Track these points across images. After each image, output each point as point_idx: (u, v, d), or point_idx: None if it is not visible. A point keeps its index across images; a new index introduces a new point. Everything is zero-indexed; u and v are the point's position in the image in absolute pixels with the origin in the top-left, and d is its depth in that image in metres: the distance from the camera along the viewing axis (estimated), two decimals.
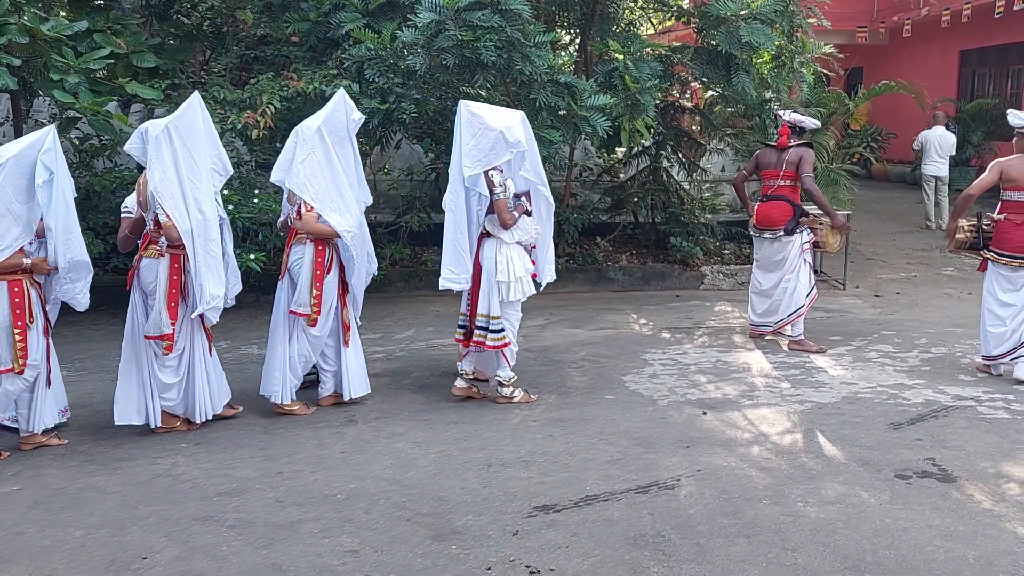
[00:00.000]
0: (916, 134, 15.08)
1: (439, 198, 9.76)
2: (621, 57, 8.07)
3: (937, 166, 12.99)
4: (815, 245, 7.13)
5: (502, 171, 5.49)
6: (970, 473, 4.53)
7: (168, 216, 4.84)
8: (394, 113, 7.62)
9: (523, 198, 5.62)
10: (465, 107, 5.52)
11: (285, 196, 5.58)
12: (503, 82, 7.73)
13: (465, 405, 5.70)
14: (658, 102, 8.66)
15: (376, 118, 7.56)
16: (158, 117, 8.28)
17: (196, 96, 5.13)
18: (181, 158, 4.90)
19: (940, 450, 4.83)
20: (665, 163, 10.14)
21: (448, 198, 5.56)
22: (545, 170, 9.20)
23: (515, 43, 7.11)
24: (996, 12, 15.46)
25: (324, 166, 5.30)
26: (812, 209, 7.23)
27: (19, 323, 4.75)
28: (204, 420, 5.25)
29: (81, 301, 4.98)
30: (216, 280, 5.01)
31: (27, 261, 4.78)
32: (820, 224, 7.06)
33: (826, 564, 3.65)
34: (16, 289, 4.75)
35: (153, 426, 5.15)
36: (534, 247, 5.73)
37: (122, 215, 5.21)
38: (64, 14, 8.28)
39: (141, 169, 5.20)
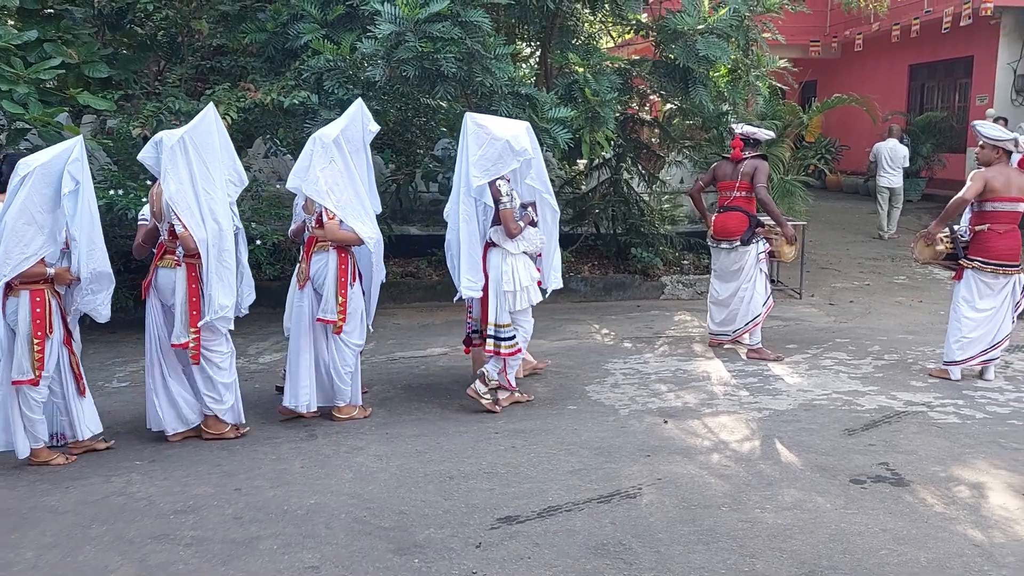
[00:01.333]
0: (868, 146, 15.41)
1: (400, 209, 9.84)
2: (581, 70, 8.14)
3: (888, 177, 13.29)
4: (771, 255, 7.26)
5: (508, 181, 5.56)
6: (922, 477, 4.62)
7: (184, 226, 4.87)
8: None
9: (529, 208, 5.70)
10: (471, 119, 5.59)
11: (300, 204, 5.61)
12: (464, 93, 7.75)
13: (426, 418, 5.68)
14: (618, 115, 8.74)
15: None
16: (111, 128, 8.20)
17: (211, 107, 5.16)
18: (196, 169, 4.92)
19: (893, 455, 4.93)
20: (625, 175, 10.24)
21: (461, 209, 5.58)
22: None
23: (475, 55, 7.13)
24: (943, 28, 15.88)
25: (344, 174, 5.35)
26: (768, 220, 7.35)
27: (39, 333, 4.75)
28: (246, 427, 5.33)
29: (103, 312, 4.98)
30: (227, 291, 5.02)
31: (50, 271, 4.78)
32: (775, 234, 7.21)
33: (783, 570, 3.69)
34: (38, 299, 4.75)
35: (169, 433, 5.21)
36: (539, 255, 5.80)
37: (139, 223, 5.28)
38: (13, 23, 8.11)
39: (154, 179, 5.22)
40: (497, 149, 5.43)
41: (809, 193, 11.44)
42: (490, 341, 5.63)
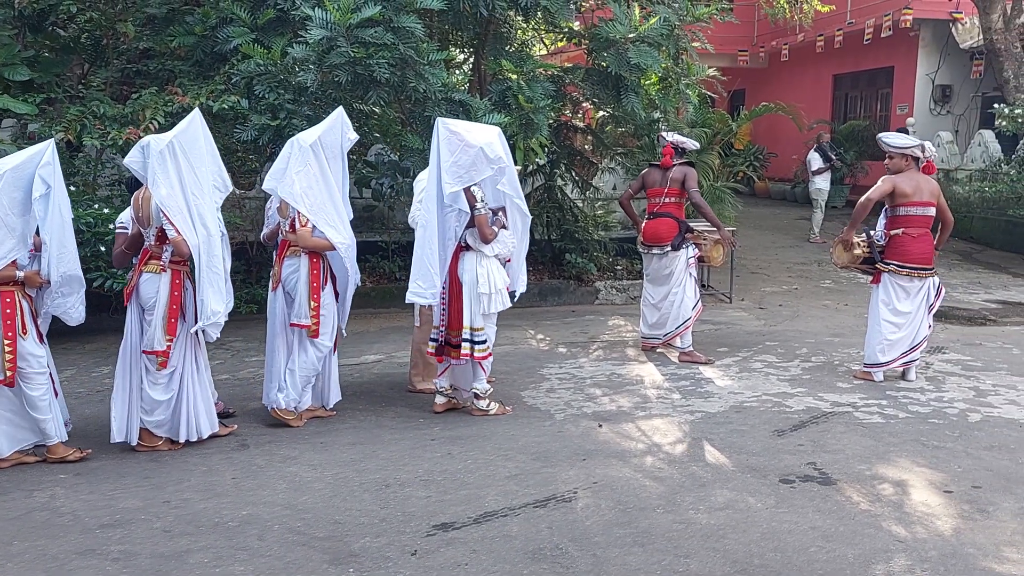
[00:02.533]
0: (795, 153, 15.86)
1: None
2: (515, 77, 8.18)
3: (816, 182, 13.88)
4: (700, 260, 7.40)
5: (479, 186, 5.54)
6: (848, 476, 4.76)
7: (177, 231, 4.86)
8: (285, 130, 7.49)
9: (500, 213, 5.72)
10: (442, 124, 5.55)
11: (274, 207, 5.58)
12: (397, 99, 7.72)
13: (361, 426, 5.63)
14: (551, 121, 8.81)
15: (266, 135, 7.42)
16: (33, 133, 7.95)
17: (197, 112, 5.13)
18: (185, 174, 4.89)
19: (821, 454, 5.06)
20: (559, 181, 10.32)
21: (420, 213, 5.59)
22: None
23: (408, 60, 7.12)
24: (865, 39, 16.43)
25: (319, 180, 5.34)
26: (697, 225, 7.47)
27: (9, 334, 4.72)
28: (187, 440, 5.18)
29: (73, 315, 4.99)
30: (218, 296, 5.03)
31: (20, 274, 4.77)
32: (704, 240, 7.37)
33: (717, 569, 3.76)
34: (8, 300, 4.73)
35: (133, 444, 5.12)
36: (508, 260, 5.82)
37: (116, 231, 5.23)
38: None
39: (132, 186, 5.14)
40: (471, 156, 5.41)
41: (738, 199, 11.70)
42: (465, 345, 5.61)
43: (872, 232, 6.57)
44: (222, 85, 7.62)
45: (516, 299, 5.96)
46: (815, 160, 14.07)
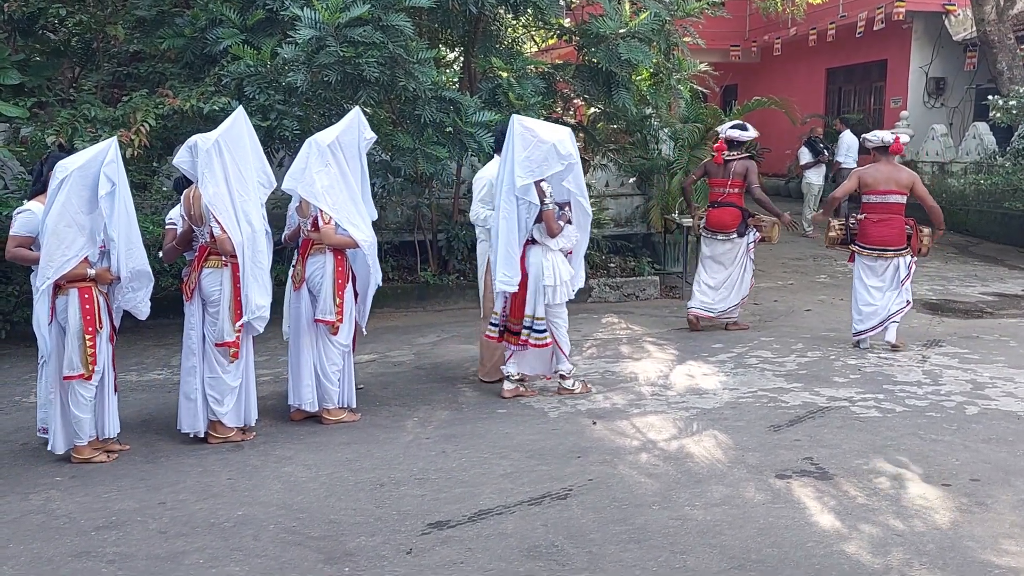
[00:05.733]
0: (788, 148, 15.84)
1: None
2: (505, 74, 8.17)
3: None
4: (761, 240, 8.08)
5: (547, 181, 5.76)
6: (845, 470, 4.76)
7: (223, 228, 4.96)
8: (276, 130, 7.49)
9: (565, 208, 5.94)
10: (517, 121, 5.78)
11: (294, 207, 5.63)
12: (387, 98, 7.71)
13: (356, 425, 5.62)
14: (542, 118, 8.79)
15: (258, 136, 7.39)
16: (25, 137, 7.92)
17: (240, 110, 5.23)
18: (231, 172, 4.99)
19: (817, 449, 5.06)
20: None
21: (502, 207, 5.76)
22: (432, 187, 9.25)
23: (398, 59, 7.10)
24: (857, 32, 16.44)
25: (339, 179, 5.42)
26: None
27: (90, 329, 4.83)
28: (245, 426, 5.36)
29: (142, 309, 5.09)
30: (262, 291, 5.15)
31: (91, 271, 4.85)
32: (763, 222, 8.03)
33: (714, 565, 3.76)
34: (87, 296, 4.84)
35: (202, 435, 5.24)
36: (569, 253, 6.03)
37: (166, 227, 5.37)
38: None
39: (41, 190, 5.10)
40: (543, 151, 5.66)
41: None
42: (525, 332, 5.92)
43: (853, 215, 7.34)
44: (212, 87, 7.60)
45: (576, 292, 6.18)
46: (804, 154, 14.10)
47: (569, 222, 5.98)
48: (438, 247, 9.48)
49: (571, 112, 11.09)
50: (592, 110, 10.27)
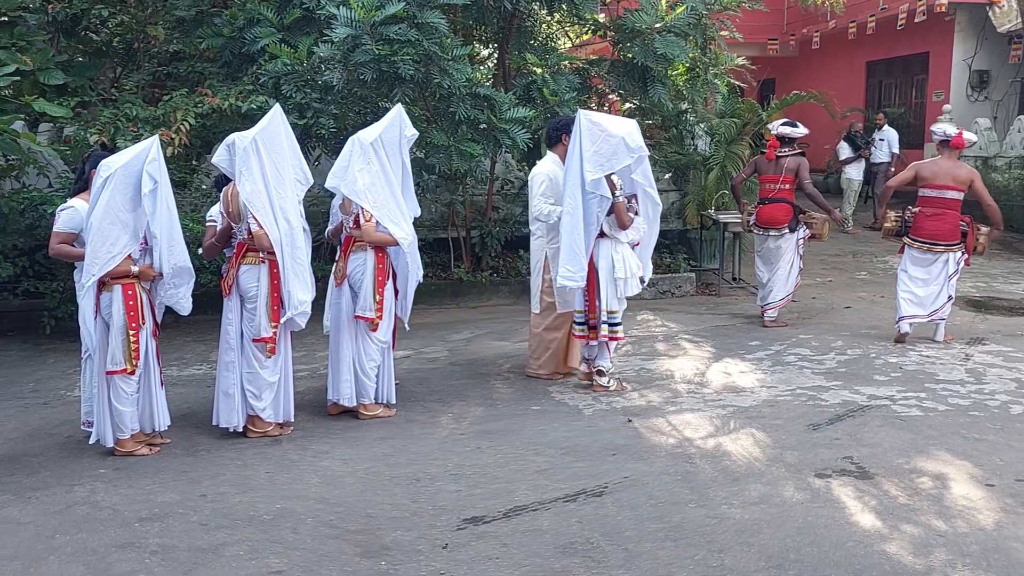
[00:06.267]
0: (828, 143, 15.61)
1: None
2: (539, 70, 8.16)
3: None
4: (811, 237, 8.17)
5: (617, 175, 5.83)
6: (886, 470, 4.68)
7: (260, 225, 5.04)
8: (312, 128, 7.55)
9: (632, 200, 6.00)
10: (584, 116, 5.83)
11: (337, 204, 5.70)
12: (422, 96, 7.74)
13: (391, 420, 5.65)
14: (573, 115, 8.77)
15: (294, 134, 7.47)
16: (68, 136, 8.08)
17: (277, 108, 5.31)
18: (268, 169, 5.07)
19: (858, 448, 4.99)
20: None
21: (566, 202, 5.79)
22: (466, 184, 9.27)
23: (433, 57, 7.12)
24: (898, 24, 16.16)
25: (381, 176, 5.47)
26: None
27: (133, 324, 4.94)
28: (285, 422, 5.43)
29: (184, 305, 5.16)
30: (303, 286, 5.23)
31: (135, 268, 4.95)
32: (814, 219, 8.10)
33: (751, 563, 3.72)
34: (130, 292, 4.94)
35: (240, 430, 5.32)
36: (636, 245, 6.11)
37: (207, 224, 5.46)
38: None
39: (84, 188, 5.21)
40: (612, 145, 5.71)
41: None
42: (604, 327, 5.98)
43: (908, 208, 7.40)
44: (250, 85, 7.69)
45: (645, 284, 6.29)
46: (844, 149, 13.88)
47: (636, 214, 6.02)
48: (471, 244, 9.50)
49: (606, 107, 11.03)
50: (627, 105, 10.22)
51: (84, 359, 5.26)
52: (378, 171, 5.45)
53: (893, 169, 14.08)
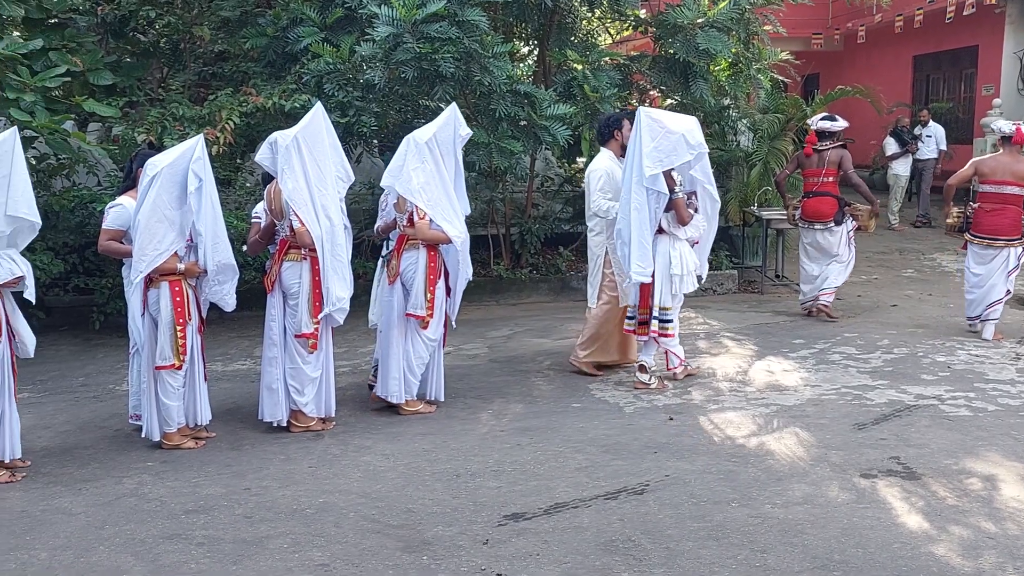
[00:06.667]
0: (874, 138, 15.35)
1: None
2: (580, 67, 8.14)
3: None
4: (857, 229, 8.19)
5: (676, 171, 5.88)
6: (934, 470, 4.60)
7: (301, 222, 5.09)
8: (354, 127, 7.61)
9: (691, 197, 6.05)
10: (644, 112, 5.87)
11: (391, 202, 5.77)
12: (462, 93, 7.76)
13: (431, 416, 5.68)
14: (617, 111, 8.74)
15: (336, 132, 7.54)
16: (116, 135, 8.24)
17: (319, 106, 5.37)
18: (309, 167, 5.13)
19: (904, 449, 4.90)
20: None
21: (633, 198, 5.80)
22: (506, 181, 9.28)
23: (473, 54, 7.14)
24: (947, 17, 15.81)
25: (435, 175, 5.52)
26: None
27: (180, 320, 5.02)
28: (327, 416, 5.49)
29: (229, 301, 5.26)
30: (342, 283, 5.28)
31: (180, 266, 5.04)
32: (859, 211, 8.14)
33: (795, 564, 3.68)
34: (177, 288, 5.03)
35: (284, 424, 5.38)
36: (696, 243, 6.13)
37: (252, 221, 5.55)
38: (19, 33, 8.16)
39: (131, 186, 5.31)
40: (672, 142, 5.74)
41: None
42: (655, 323, 6.00)
43: (969, 204, 7.50)
44: (293, 84, 7.77)
45: (702, 282, 6.33)
46: (891, 145, 13.64)
47: (696, 211, 6.04)
48: (511, 241, 9.51)
49: (647, 104, 10.97)
50: (668, 101, 10.14)
51: (132, 354, 5.36)
52: (432, 170, 5.49)
53: (939, 166, 13.81)
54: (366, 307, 6.13)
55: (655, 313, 5.99)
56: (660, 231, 5.94)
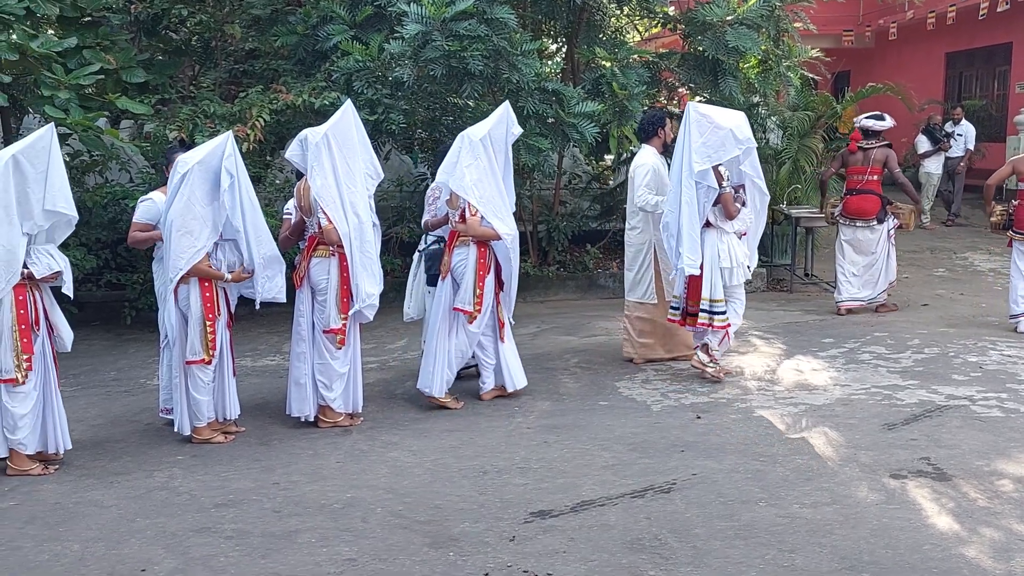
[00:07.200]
0: (905, 136, 15.12)
1: None
2: (608, 64, 8.11)
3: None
4: (899, 227, 8.32)
5: (724, 165, 5.95)
6: (965, 471, 4.54)
7: (329, 219, 5.14)
8: (383, 124, 7.64)
9: (739, 191, 6.11)
10: (693, 108, 5.97)
11: (444, 198, 5.82)
12: (491, 91, 7.76)
13: (458, 413, 5.70)
14: (646, 108, 8.70)
15: (366, 129, 7.58)
16: (148, 132, 8.34)
17: (348, 104, 5.44)
18: (339, 164, 5.18)
19: (935, 449, 4.85)
20: None
21: (683, 192, 5.88)
22: (533, 178, 9.27)
23: (502, 52, 7.14)
24: (980, 14, 15.57)
25: (488, 172, 5.59)
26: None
27: (210, 315, 5.08)
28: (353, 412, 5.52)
29: (281, 295, 5.32)
30: (371, 279, 5.34)
31: (228, 276, 5.13)
32: (900, 209, 8.31)
33: (824, 564, 3.65)
34: (206, 284, 5.08)
35: (311, 419, 5.43)
36: (744, 235, 6.19)
37: (284, 216, 5.63)
38: (53, 31, 8.29)
39: (162, 182, 5.43)
40: (720, 137, 5.82)
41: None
42: (703, 315, 6.05)
43: (1013, 202, 7.58)
44: (323, 82, 7.82)
45: (752, 271, 6.36)
46: (923, 143, 13.46)
47: (744, 204, 6.08)
48: (538, 238, 9.50)
49: (675, 101, 10.91)
50: (697, 99, 10.08)
51: (163, 347, 5.43)
52: (485, 167, 5.54)
53: (963, 164, 13.60)
54: (393, 303, 6.17)
55: (704, 306, 6.04)
56: (708, 225, 6.00)
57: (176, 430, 5.23)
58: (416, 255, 6.25)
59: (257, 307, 5.46)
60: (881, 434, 5.11)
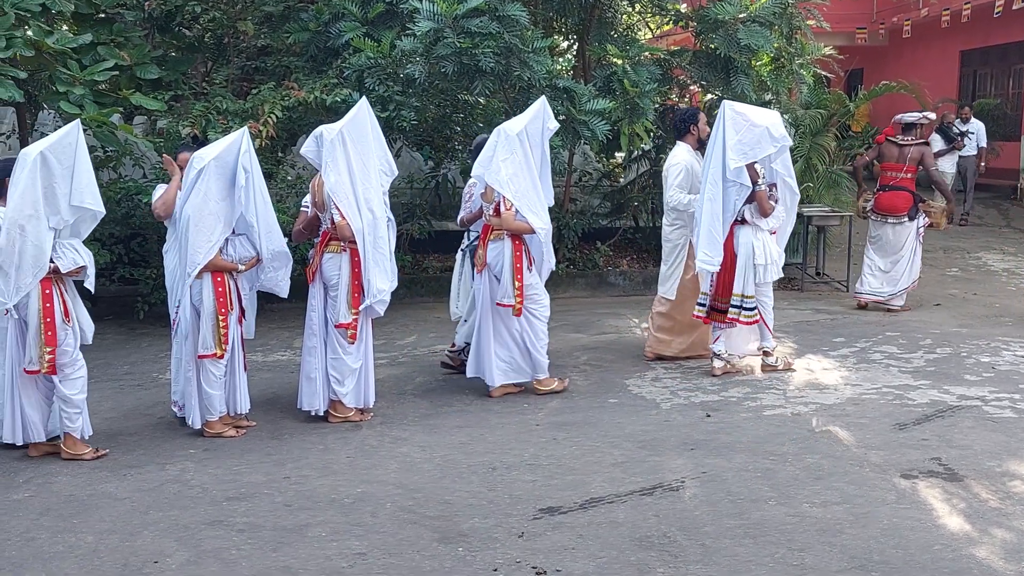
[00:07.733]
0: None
1: (439, 205, 9.87)
2: (619, 62, 8.10)
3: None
4: (929, 226, 8.31)
5: (759, 163, 6.02)
6: (977, 472, 4.53)
7: (343, 215, 5.18)
8: (394, 121, 7.66)
9: (772, 188, 6.20)
10: (729, 106, 6.04)
11: (479, 192, 5.86)
12: (502, 88, 7.77)
13: (468, 409, 5.71)
14: (657, 105, 8.69)
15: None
16: (162, 128, 8.38)
17: (364, 101, 5.46)
18: (353, 161, 5.22)
19: (946, 450, 4.83)
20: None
21: (707, 188, 5.96)
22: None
23: (513, 49, 7.15)
24: (995, 12, 15.47)
25: (523, 166, 5.63)
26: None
27: (222, 310, 5.11)
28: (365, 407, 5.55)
29: (283, 288, 5.40)
30: (383, 275, 5.35)
31: (241, 267, 5.19)
32: (932, 208, 8.29)
33: (833, 563, 3.65)
34: (219, 279, 5.12)
35: (321, 414, 5.46)
36: (774, 232, 6.28)
37: (302, 210, 5.68)
38: (68, 27, 8.34)
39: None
40: (756, 135, 5.90)
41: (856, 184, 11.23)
42: (734, 311, 6.14)
43: None
44: (335, 79, 7.84)
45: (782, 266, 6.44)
46: (937, 142, 13.36)
47: (777, 202, 6.16)
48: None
49: (687, 99, 10.90)
50: (709, 96, 10.06)
51: (174, 336, 5.43)
52: (521, 161, 5.58)
53: (982, 164, 13.51)
54: (403, 300, 6.19)
55: (736, 301, 6.11)
56: (743, 221, 6.07)
57: (189, 423, 5.26)
58: (459, 253, 6.29)
59: (252, 288, 5.47)
60: (892, 434, 5.10)
